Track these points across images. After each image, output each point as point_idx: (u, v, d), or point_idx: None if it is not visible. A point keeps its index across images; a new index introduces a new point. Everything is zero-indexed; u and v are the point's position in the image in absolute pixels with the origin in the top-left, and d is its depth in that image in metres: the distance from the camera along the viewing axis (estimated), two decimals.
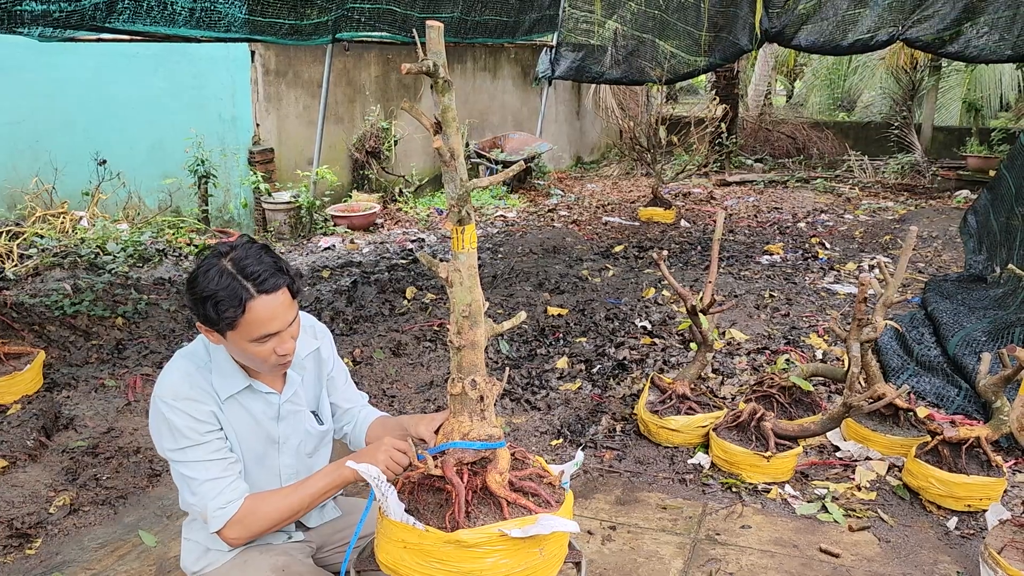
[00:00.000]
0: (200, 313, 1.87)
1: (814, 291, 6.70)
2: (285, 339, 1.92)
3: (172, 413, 1.92)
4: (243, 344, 1.89)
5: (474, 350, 1.88)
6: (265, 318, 1.85)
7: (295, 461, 2.16)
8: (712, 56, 11.13)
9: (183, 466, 1.95)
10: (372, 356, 5.22)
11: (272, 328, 1.88)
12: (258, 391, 2.06)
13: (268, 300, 1.85)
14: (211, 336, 1.93)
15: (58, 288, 5.77)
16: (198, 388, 1.96)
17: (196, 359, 2.02)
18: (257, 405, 2.07)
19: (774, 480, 3.63)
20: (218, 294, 1.82)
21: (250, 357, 1.92)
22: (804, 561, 3.08)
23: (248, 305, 1.83)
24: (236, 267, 1.84)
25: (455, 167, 1.77)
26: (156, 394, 1.96)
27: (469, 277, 1.84)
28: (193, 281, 1.87)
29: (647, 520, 3.39)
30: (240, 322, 1.84)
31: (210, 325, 1.88)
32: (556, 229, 9.31)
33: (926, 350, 5.04)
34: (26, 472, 3.66)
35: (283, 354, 1.93)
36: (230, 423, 2.03)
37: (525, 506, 1.78)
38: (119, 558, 3.11)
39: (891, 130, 14.03)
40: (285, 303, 1.89)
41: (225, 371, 2.01)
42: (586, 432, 4.17)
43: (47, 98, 7.91)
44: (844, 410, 3.50)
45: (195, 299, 1.86)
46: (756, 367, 5.00)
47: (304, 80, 9.48)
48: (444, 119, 1.78)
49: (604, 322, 5.85)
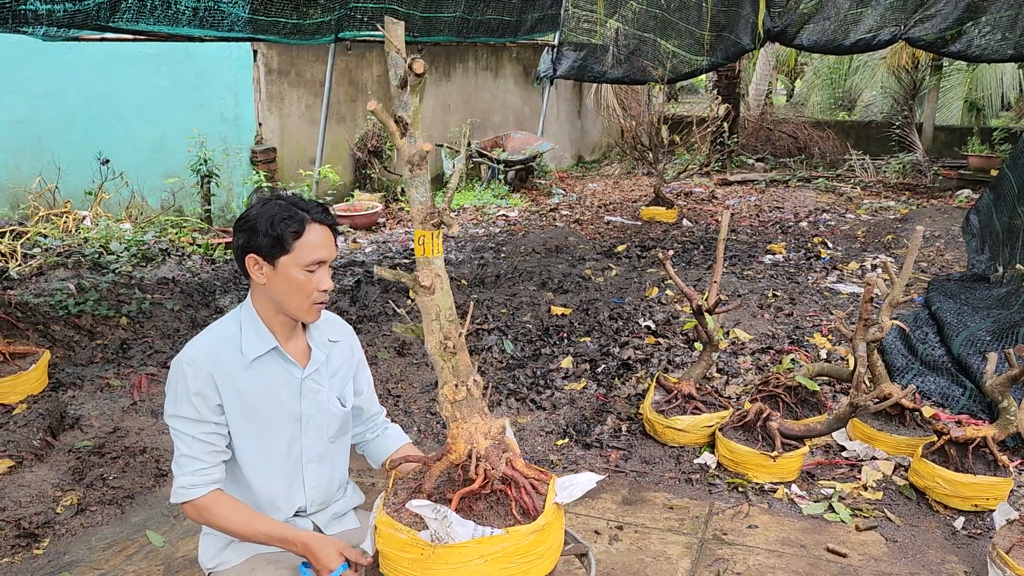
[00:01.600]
0: (255, 240, 1.97)
1: (817, 291, 6.70)
2: (327, 275, 2.03)
3: (184, 376, 1.98)
4: (293, 272, 1.97)
5: (464, 351, 1.87)
6: (318, 242, 1.99)
7: (318, 443, 2.18)
8: (714, 55, 11.14)
9: (174, 432, 2.02)
10: (376, 356, 5.22)
11: (323, 254, 2.00)
12: (283, 358, 2.10)
13: (320, 228, 2.01)
14: (259, 271, 2.00)
15: (62, 288, 5.76)
16: (217, 360, 2.01)
17: (225, 331, 2.07)
18: (280, 375, 2.09)
19: (780, 480, 3.64)
20: (280, 213, 1.96)
21: (296, 289, 1.99)
22: (811, 561, 3.09)
23: (307, 226, 1.97)
24: (290, 201, 2.01)
25: (423, 171, 1.78)
26: (179, 357, 2.02)
27: (445, 281, 1.85)
28: (248, 214, 2.00)
29: (654, 520, 3.39)
30: (297, 244, 1.96)
31: (265, 251, 1.97)
32: (558, 228, 9.31)
33: (930, 350, 5.04)
34: (33, 472, 3.66)
35: (324, 289, 2.02)
36: (249, 395, 2.04)
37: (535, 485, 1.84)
38: (127, 558, 3.11)
39: (892, 129, 14.03)
40: (331, 238, 2.05)
41: (254, 335, 2.06)
42: (592, 432, 4.18)
43: (50, 97, 7.90)
44: (850, 410, 3.50)
45: (252, 227, 1.97)
46: (760, 367, 5.00)
47: (306, 79, 9.48)
48: (413, 121, 1.75)
49: (608, 322, 5.85)
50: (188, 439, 1.99)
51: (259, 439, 2.08)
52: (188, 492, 1.99)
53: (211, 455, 2.01)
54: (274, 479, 2.13)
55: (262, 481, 2.11)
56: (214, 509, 1.99)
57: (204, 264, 7.08)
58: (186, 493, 1.99)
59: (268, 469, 2.11)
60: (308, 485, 2.18)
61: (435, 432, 4.24)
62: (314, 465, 2.18)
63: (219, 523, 2.00)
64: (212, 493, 2.00)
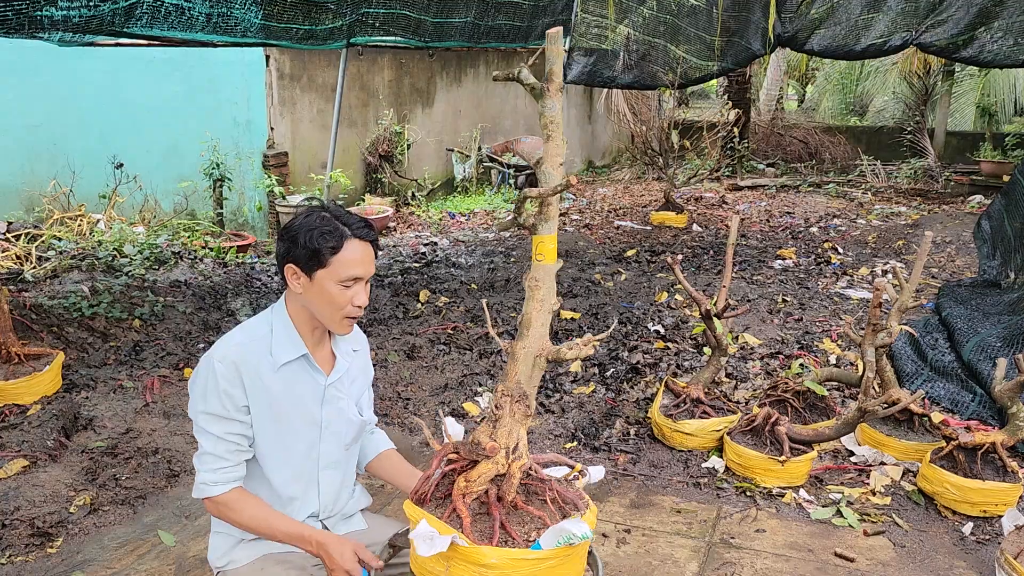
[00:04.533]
0: (295, 252, 1.99)
1: (827, 296, 6.69)
2: (363, 292, 2.04)
3: (214, 373, 1.99)
4: (329, 285, 1.98)
5: (513, 361, 1.81)
6: (356, 259, 1.99)
7: (335, 449, 2.20)
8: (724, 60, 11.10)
9: (199, 429, 2.04)
10: (387, 359, 5.25)
11: (359, 271, 2.00)
12: (310, 364, 2.12)
13: (360, 245, 2.00)
14: (296, 281, 2.02)
15: (76, 290, 5.82)
16: (248, 360, 2.02)
17: (258, 331, 2.09)
18: (305, 381, 2.12)
19: (788, 484, 3.64)
20: (321, 227, 1.97)
21: (329, 303, 2.01)
22: (819, 565, 3.09)
23: (345, 243, 1.97)
24: (333, 215, 2.01)
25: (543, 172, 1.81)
26: (209, 353, 2.04)
27: (530, 288, 1.80)
28: (292, 224, 2.02)
29: (661, 523, 3.40)
30: (334, 260, 1.96)
31: (303, 262, 1.98)
32: (568, 233, 9.33)
33: (940, 356, 5.03)
34: (46, 472, 3.70)
35: (359, 304, 2.03)
36: (274, 397, 2.06)
37: (459, 515, 1.71)
38: (139, 557, 3.14)
39: (904, 135, 13.99)
40: (371, 256, 2.05)
41: (285, 340, 2.08)
42: (600, 435, 4.19)
43: (64, 101, 7.98)
44: (859, 415, 3.51)
45: (293, 237, 1.99)
46: (769, 372, 5.01)
47: (318, 84, 9.54)
48: (541, 124, 1.78)
49: (617, 326, 5.86)
50: (212, 438, 2.01)
51: (281, 441, 2.11)
52: (210, 489, 2.01)
53: (234, 454, 2.03)
54: (292, 481, 2.15)
55: (281, 482, 2.14)
56: (234, 505, 2.02)
57: (216, 267, 7.13)
58: (207, 489, 2.01)
59: (287, 470, 2.14)
60: (323, 491, 2.20)
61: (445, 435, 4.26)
62: (330, 472, 2.20)
63: (237, 519, 2.02)
64: (233, 491, 2.03)
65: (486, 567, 1.62)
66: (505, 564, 1.62)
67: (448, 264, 7.76)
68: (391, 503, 3.49)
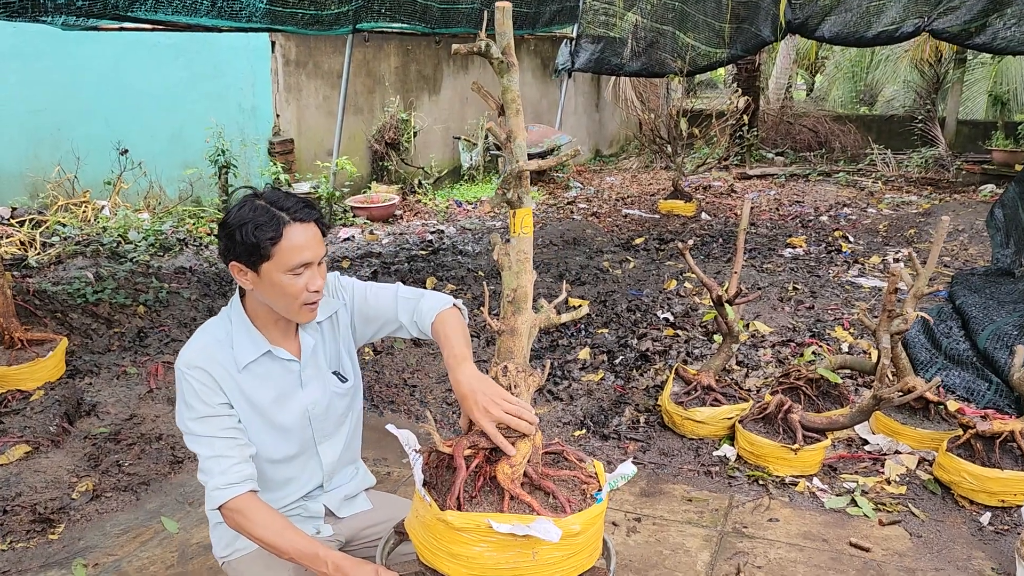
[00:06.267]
0: (235, 249, 1.88)
1: (838, 284, 6.61)
2: (317, 275, 1.94)
3: (186, 380, 1.93)
4: (277, 277, 1.89)
5: (513, 336, 1.84)
6: (300, 245, 1.88)
7: (327, 424, 2.14)
8: (734, 47, 11.00)
9: (193, 440, 1.95)
10: (392, 346, 5.19)
11: (306, 257, 1.89)
12: (278, 357, 2.04)
13: (302, 228, 1.89)
14: (243, 278, 1.93)
15: (80, 276, 5.77)
16: (214, 360, 1.96)
17: (217, 332, 2.02)
18: (278, 373, 2.05)
19: (802, 473, 3.58)
20: (256, 219, 1.85)
21: (282, 294, 1.92)
22: (834, 555, 3.03)
23: (284, 231, 1.86)
24: (268, 201, 1.90)
25: (511, 149, 1.79)
26: (176, 363, 1.97)
27: (518, 262, 1.83)
28: (227, 217, 1.91)
29: (672, 512, 3.34)
30: (276, 249, 1.86)
31: (245, 258, 1.89)
32: (576, 221, 9.25)
33: (955, 344, 4.96)
34: (49, 458, 3.66)
35: (315, 290, 1.93)
36: (250, 399, 2.00)
37: (528, 503, 1.67)
38: (141, 544, 3.10)
39: (914, 124, 13.85)
40: (317, 236, 1.93)
41: (244, 338, 2.00)
42: (609, 423, 4.13)
43: (68, 87, 7.93)
44: (874, 403, 3.44)
45: (230, 232, 1.88)
46: (781, 360, 4.94)
47: (324, 71, 9.46)
48: (505, 101, 1.76)
49: (626, 313, 5.80)
50: (207, 440, 1.92)
51: (269, 430, 2.05)
52: (223, 493, 1.88)
53: (237, 449, 1.94)
54: (289, 464, 2.11)
55: (277, 468, 2.09)
56: (250, 514, 1.87)
57: None
58: (221, 495, 1.88)
59: (282, 456, 2.09)
60: (325, 462, 2.16)
61: (451, 422, 4.21)
62: (328, 442, 2.16)
63: (252, 530, 1.87)
64: (247, 495, 1.89)
65: (574, 536, 1.63)
66: (586, 527, 1.66)
67: (455, 252, 7.70)
68: (397, 490, 3.44)
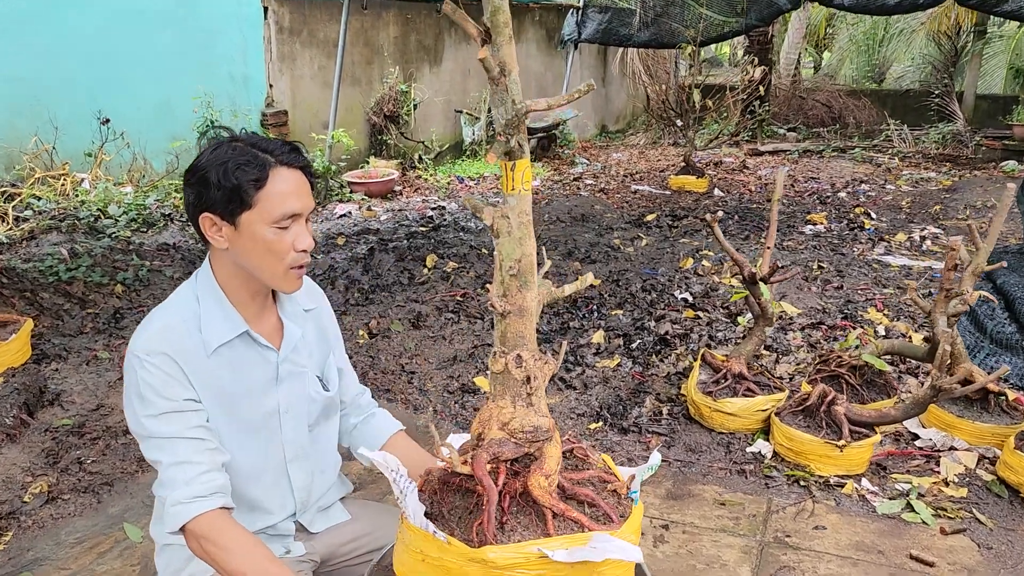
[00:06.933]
0: (208, 195, 1.52)
1: (865, 263, 6.19)
2: (305, 232, 1.61)
3: (144, 369, 1.54)
4: (261, 231, 1.54)
5: (522, 318, 1.46)
6: (288, 191, 1.56)
7: (298, 435, 1.75)
8: (748, 17, 10.54)
9: (152, 444, 1.55)
10: (390, 328, 4.79)
11: (295, 206, 1.57)
12: (255, 342, 1.66)
13: (290, 172, 1.58)
14: (217, 234, 1.56)
15: (53, 252, 5.36)
16: (179, 345, 1.57)
17: (182, 311, 1.62)
18: (254, 361, 1.66)
19: (848, 473, 3.18)
20: (236, 159, 1.53)
21: (266, 251, 1.56)
22: (893, 571, 2.63)
23: (271, 172, 1.55)
24: (249, 143, 1.58)
25: (505, 85, 1.35)
26: (129, 350, 1.56)
27: (520, 226, 1.44)
28: (199, 160, 1.55)
29: (704, 518, 2.95)
30: (260, 195, 1.54)
31: (221, 207, 1.53)
32: (583, 197, 8.82)
33: (1000, 327, 4.55)
34: (2, 454, 3.26)
35: (303, 248, 1.59)
36: (219, 387, 1.62)
37: (576, 519, 1.39)
38: (98, 556, 2.70)
39: (931, 98, 13.37)
40: (305, 185, 1.62)
41: (216, 315, 1.62)
42: (628, 415, 3.73)
43: (49, 54, 7.47)
44: (933, 393, 3.03)
45: (203, 176, 1.52)
46: (812, 344, 4.53)
47: (319, 39, 9.00)
48: (493, 24, 1.32)
49: (641, 293, 5.39)
50: (169, 443, 1.53)
51: (235, 438, 1.66)
52: (187, 509, 1.49)
53: (206, 454, 1.55)
54: (258, 482, 1.72)
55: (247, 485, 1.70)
56: (221, 539, 1.48)
57: None
58: (183, 511, 1.49)
59: (250, 470, 1.70)
60: (296, 486, 1.75)
61: (453, 413, 3.81)
62: (299, 463, 1.76)
63: (224, 561, 1.47)
64: (218, 513, 1.51)
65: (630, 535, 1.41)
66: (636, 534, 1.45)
67: (457, 228, 7.27)
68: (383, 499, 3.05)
